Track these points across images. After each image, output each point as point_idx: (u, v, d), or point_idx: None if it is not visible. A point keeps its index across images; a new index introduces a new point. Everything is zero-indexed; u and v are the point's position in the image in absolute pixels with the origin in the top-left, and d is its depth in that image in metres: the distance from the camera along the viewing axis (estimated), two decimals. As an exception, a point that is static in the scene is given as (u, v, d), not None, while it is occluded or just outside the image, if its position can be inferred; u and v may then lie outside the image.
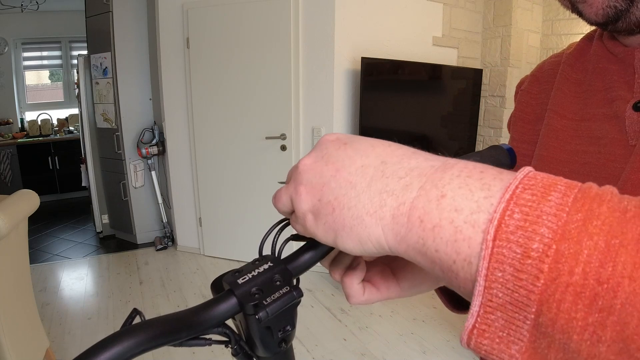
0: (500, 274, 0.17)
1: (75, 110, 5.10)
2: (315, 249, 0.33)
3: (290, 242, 0.34)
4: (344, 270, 0.32)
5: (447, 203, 0.19)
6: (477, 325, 0.18)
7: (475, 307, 0.18)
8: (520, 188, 0.18)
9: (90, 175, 3.63)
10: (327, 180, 0.25)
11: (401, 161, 0.23)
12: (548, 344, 0.16)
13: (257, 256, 0.33)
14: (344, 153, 0.26)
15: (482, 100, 3.25)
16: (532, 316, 0.16)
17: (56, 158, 5.05)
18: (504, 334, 0.17)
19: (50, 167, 5.05)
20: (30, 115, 5.28)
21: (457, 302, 0.45)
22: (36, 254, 3.41)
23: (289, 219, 0.34)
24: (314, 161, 0.27)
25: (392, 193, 0.22)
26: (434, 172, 0.21)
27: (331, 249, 0.33)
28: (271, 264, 0.31)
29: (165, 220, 3.51)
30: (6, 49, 5.01)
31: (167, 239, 3.46)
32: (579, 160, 0.43)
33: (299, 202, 0.26)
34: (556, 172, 0.28)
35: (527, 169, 0.19)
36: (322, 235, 0.26)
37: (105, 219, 3.74)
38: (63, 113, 5.45)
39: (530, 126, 0.51)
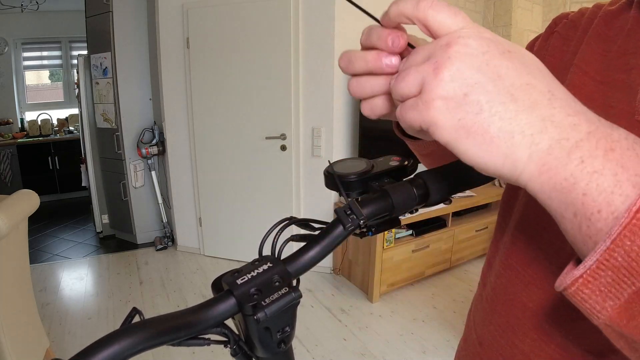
0: (628, 243, 0.18)
1: (75, 110, 5.09)
2: (315, 250, 0.33)
3: (291, 242, 0.34)
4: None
5: (615, 157, 0.20)
6: (584, 276, 0.20)
7: (590, 261, 0.20)
8: None
9: (90, 175, 3.63)
10: (485, 80, 0.23)
11: (568, 99, 0.23)
12: None
13: (257, 256, 0.33)
14: (511, 62, 0.24)
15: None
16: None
17: (56, 158, 5.04)
18: (606, 290, 0.20)
19: (50, 167, 5.05)
20: (30, 115, 5.27)
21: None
22: (36, 254, 3.41)
23: (289, 219, 0.33)
24: (471, 52, 0.24)
25: (558, 125, 0.22)
26: (601, 125, 0.22)
27: (330, 251, 0.33)
28: (271, 265, 0.31)
29: (165, 220, 3.51)
30: (6, 49, 5.00)
31: (167, 239, 3.46)
32: None
33: (437, 84, 0.24)
34: None
35: None
36: (446, 129, 0.24)
37: (105, 219, 3.73)
38: (63, 113, 5.44)
39: (554, 72, 0.47)
